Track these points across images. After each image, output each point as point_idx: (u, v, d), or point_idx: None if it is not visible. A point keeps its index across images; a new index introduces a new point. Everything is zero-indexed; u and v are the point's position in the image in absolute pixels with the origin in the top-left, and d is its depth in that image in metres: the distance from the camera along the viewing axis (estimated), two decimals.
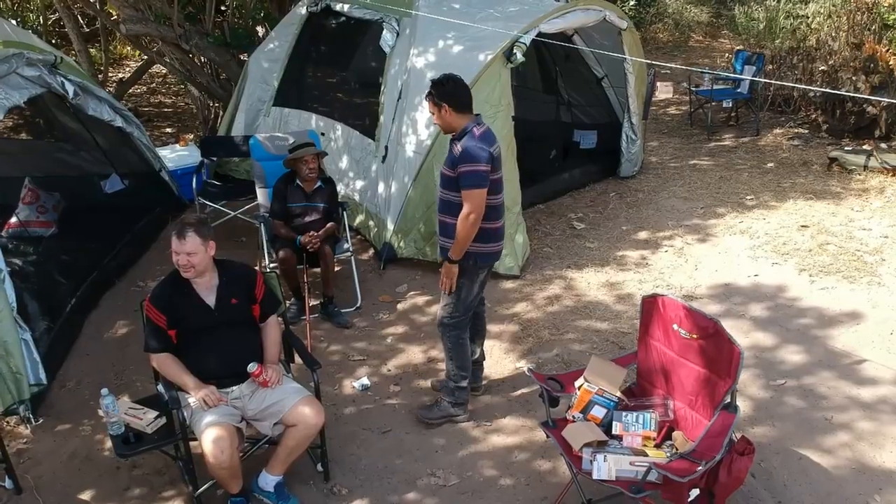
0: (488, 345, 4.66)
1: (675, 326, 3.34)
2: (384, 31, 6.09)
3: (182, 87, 10.14)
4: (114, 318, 5.25)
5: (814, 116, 8.70)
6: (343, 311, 5.22)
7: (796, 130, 8.58)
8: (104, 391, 3.48)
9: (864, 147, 7.58)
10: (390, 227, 5.75)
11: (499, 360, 4.73)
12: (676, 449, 3.24)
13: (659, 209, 6.65)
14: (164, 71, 11.74)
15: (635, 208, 6.71)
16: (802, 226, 6.16)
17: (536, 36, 5.67)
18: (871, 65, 7.97)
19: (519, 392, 4.44)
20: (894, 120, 8.10)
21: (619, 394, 3.45)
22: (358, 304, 5.34)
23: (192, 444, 3.51)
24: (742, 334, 4.84)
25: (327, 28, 6.81)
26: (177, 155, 7.00)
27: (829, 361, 4.57)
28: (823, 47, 8.76)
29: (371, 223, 6.07)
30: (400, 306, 5.38)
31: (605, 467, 3.13)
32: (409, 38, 5.91)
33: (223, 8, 8.32)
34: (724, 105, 9.00)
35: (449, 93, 3.74)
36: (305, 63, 6.99)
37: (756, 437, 3.95)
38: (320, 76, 7.06)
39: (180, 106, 10.48)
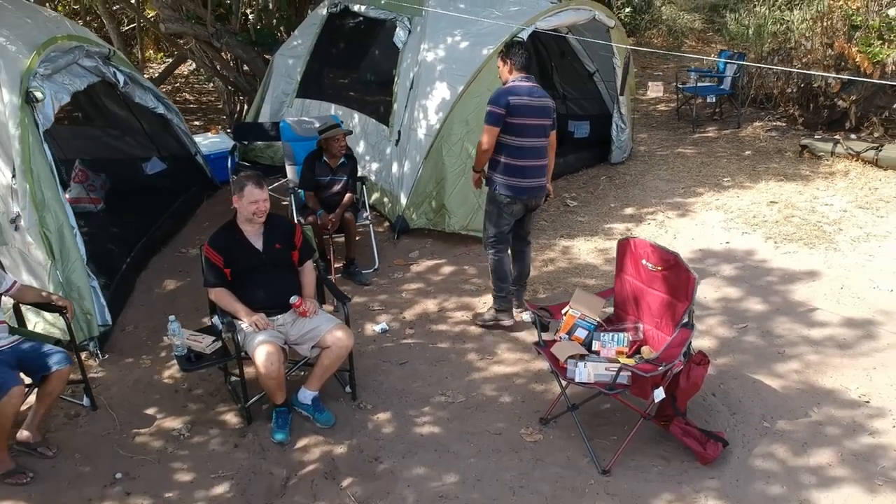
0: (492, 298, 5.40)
1: (644, 261, 4.05)
2: (397, 29, 6.83)
3: (206, 84, 10.90)
4: (162, 278, 5.98)
5: (791, 111, 9.42)
6: (363, 271, 5.93)
7: (774, 123, 9.30)
8: (171, 318, 4.21)
9: (835, 137, 8.29)
10: (403, 201, 6.47)
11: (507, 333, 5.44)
12: (643, 358, 3.94)
13: (644, 189, 7.37)
14: (186, 72, 12.53)
15: (623, 189, 7.42)
16: (771, 202, 6.87)
17: (533, 31, 6.40)
18: (841, 62, 8.70)
19: (518, 333, 5.14)
20: (863, 113, 8.82)
21: (598, 318, 4.16)
22: (376, 266, 6.05)
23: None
24: (713, 289, 5.55)
25: (345, 27, 7.55)
26: (209, 142, 7.73)
27: (786, 310, 5.27)
28: (800, 48, 9.49)
29: (386, 199, 6.78)
30: (413, 268, 6.10)
31: (585, 372, 3.83)
32: (419, 34, 6.64)
33: (249, 10, 9.08)
34: (709, 100, 9.73)
35: (512, 53, 4.79)
36: (326, 59, 7.72)
37: (718, 366, 4.66)
38: (339, 70, 7.79)
39: (204, 102, 11.23)
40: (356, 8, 7.30)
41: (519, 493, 3.78)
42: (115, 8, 9.08)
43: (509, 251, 5.07)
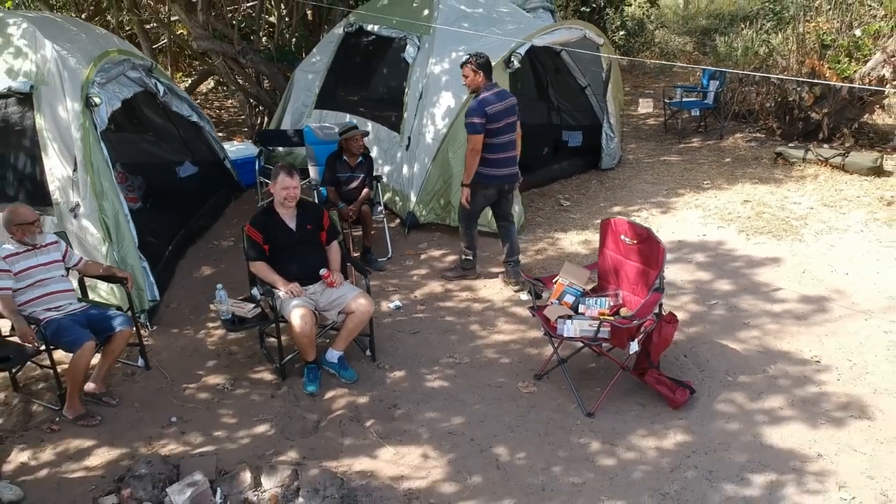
0: (493, 281, 6.11)
1: (622, 237, 4.75)
2: (407, 46, 7.57)
3: (225, 100, 11.67)
4: (199, 264, 6.68)
5: (769, 123, 10.15)
6: (378, 259, 6.63)
7: (754, 135, 10.02)
8: (219, 286, 4.91)
9: (807, 145, 9.01)
10: (413, 198, 7.17)
11: (501, 288, 6.13)
12: (622, 316, 4.63)
13: (631, 191, 8.07)
14: (205, 90, 13.31)
15: (612, 191, 8.13)
16: (745, 201, 7.58)
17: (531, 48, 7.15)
18: (813, 78, 9.44)
19: (515, 309, 5.82)
20: (835, 125, 9.53)
21: (584, 286, 4.85)
22: (389, 255, 6.74)
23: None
24: (688, 273, 6.24)
25: (360, 45, 8.30)
26: (235, 149, 8.45)
27: (752, 289, 5.95)
28: (777, 65, 10.24)
29: (397, 198, 7.48)
30: (422, 257, 6.79)
31: (572, 328, 4.51)
32: (427, 50, 7.39)
33: (271, 30, 9.86)
34: (693, 114, 10.47)
35: (483, 64, 5.61)
36: (342, 73, 8.46)
37: (689, 334, 5.34)
38: (354, 83, 8.52)
39: (224, 116, 11.97)
40: (370, 27, 8.06)
41: (516, 431, 4.45)
42: (147, 27, 9.84)
43: (477, 227, 6.16)
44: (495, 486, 4.03)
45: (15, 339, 4.67)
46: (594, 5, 15.60)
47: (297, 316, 4.66)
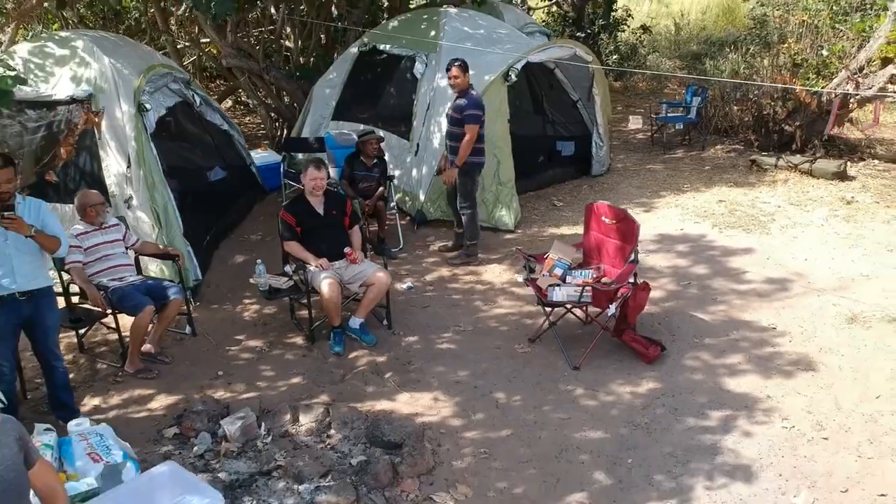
0: (493, 266, 6.91)
1: (603, 218, 5.55)
2: (416, 63, 8.42)
3: (244, 117, 12.53)
4: (233, 254, 7.47)
5: (748, 136, 10.98)
6: (392, 249, 7.42)
7: (734, 146, 10.85)
8: (259, 261, 5.72)
9: (779, 154, 9.83)
10: (422, 197, 7.97)
11: (500, 272, 6.91)
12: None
13: (618, 193, 8.88)
14: (224, 108, 14.19)
15: (601, 193, 8.93)
16: (720, 201, 8.38)
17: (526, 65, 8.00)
18: (786, 93, 10.28)
19: (513, 289, 6.60)
20: (807, 136, 10.35)
21: (571, 261, 5.64)
22: (401, 246, 7.53)
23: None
24: (667, 260, 7.03)
25: (373, 62, 9.15)
26: (259, 156, 9.28)
27: (722, 273, 6.73)
28: (753, 84, 11.09)
29: (407, 199, 8.28)
30: (430, 248, 7.57)
31: (560, 293, 5.29)
32: (434, 67, 8.23)
33: (287, 53, 10.76)
34: (677, 127, 11.31)
35: (467, 67, 6.67)
36: (356, 88, 9.30)
37: (665, 307, 6.11)
38: (367, 97, 9.35)
39: (244, 131, 12.82)
40: (382, 47, 8.91)
41: (513, 381, 5.22)
42: (179, 46, 10.72)
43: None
44: (495, 420, 4.79)
45: (84, 305, 5.46)
46: (588, 31, 16.48)
47: (326, 285, 5.45)
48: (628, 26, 18.28)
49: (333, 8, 10.78)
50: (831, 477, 4.17)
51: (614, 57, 18.20)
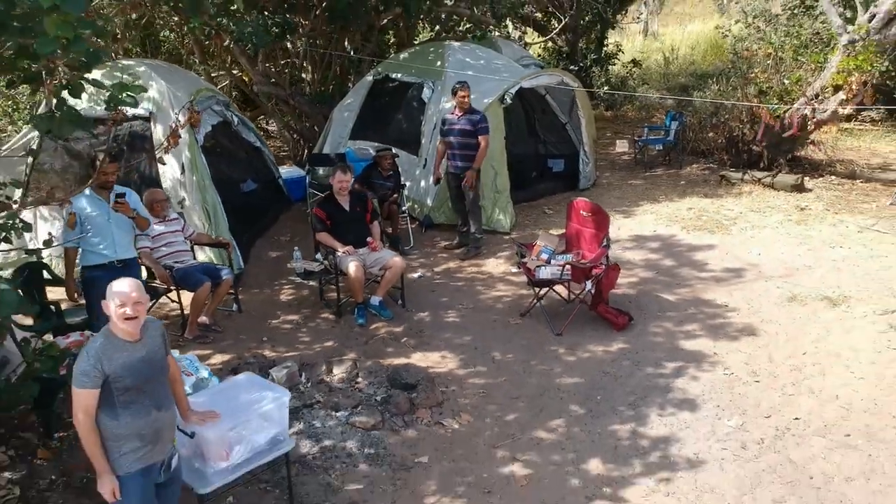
0: (492, 260, 8.01)
1: (581, 211, 6.67)
2: (424, 89, 9.61)
3: (268, 139, 13.72)
4: (267, 251, 8.58)
5: (721, 156, 12.13)
6: (404, 248, 8.52)
7: (708, 165, 12.00)
8: (296, 248, 6.86)
9: (746, 170, 10.97)
10: (429, 203, 9.11)
11: (498, 265, 8.00)
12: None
13: (601, 203, 9.76)
14: None
15: None
16: (690, 208, 9.51)
17: (519, 89, 9.18)
18: (754, 118, 11.46)
19: (508, 277, 7.69)
20: (773, 156, 11.50)
21: (554, 247, 6.74)
22: (412, 244, 8.64)
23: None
24: (640, 255, 8.12)
25: (386, 88, 10.34)
26: (285, 171, 10.44)
27: (687, 264, 7.82)
28: (726, 108, 12.29)
29: (416, 206, 9.41)
30: (437, 246, 8.68)
31: (546, 272, 6.39)
32: (440, 91, 9.41)
33: (303, 83, 12.02)
34: (658, 149, 12.47)
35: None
36: (371, 111, 10.48)
37: (637, 290, 7.20)
38: (381, 119, 10.53)
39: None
40: (394, 75, 10.11)
41: (507, 345, 6.29)
42: (213, 75, 11.95)
43: None
44: (491, 371, 5.87)
45: (153, 283, 6.55)
46: (581, 65, 17.72)
47: (353, 267, 6.55)
48: (619, 60, 19.50)
49: (347, 42, 12.00)
50: (758, 407, 5.24)
51: (605, 88, 19.43)
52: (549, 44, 18.91)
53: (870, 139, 13.35)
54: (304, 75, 12.48)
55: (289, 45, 10.78)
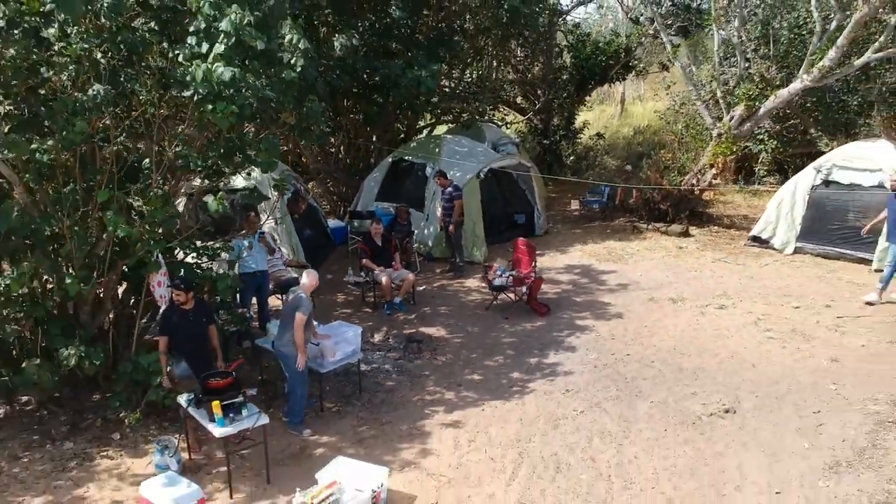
0: (470, 280, 12.24)
1: (521, 245, 10.91)
2: (427, 167, 13.93)
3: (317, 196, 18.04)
4: (324, 273, 12.79)
5: (641, 212, 16.36)
6: (414, 270, 12.71)
7: (631, 219, 16.23)
8: (349, 269, 11.09)
9: (652, 223, 15.17)
10: (430, 243, 13.35)
11: (474, 281, 12.18)
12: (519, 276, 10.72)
13: (549, 244, 14.19)
14: None
15: (538, 244, 14.21)
16: (605, 248, 13.73)
17: (491, 168, 13.50)
18: (658, 184, 15.73)
19: (480, 289, 11.86)
20: (676, 213, 15.69)
21: (505, 266, 10.95)
22: (419, 269, 12.83)
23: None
24: (566, 277, 12.29)
25: (401, 167, 14.65)
26: (331, 223, 14.71)
27: (594, 282, 11.96)
28: (642, 180, 16.55)
29: (421, 245, 13.60)
30: (436, 273, 12.88)
31: (499, 281, 10.60)
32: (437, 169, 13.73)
33: (348, 156, 16.41)
34: (595, 207, 16.75)
35: (444, 174, 11.73)
36: (391, 181, 14.76)
37: (558, 295, 11.37)
38: (398, 187, 14.80)
39: None
40: (407, 158, 14.47)
41: (476, 324, 10.38)
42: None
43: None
44: (466, 336, 10.00)
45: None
46: (552, 139, 21.91)
47: (384, 279, 10.72)
48: (584, 134, 23.50)
49: (370, 132, 16.38)
50: (608, 350, 9.36)
51: (571, 157, 23.54)
52: (527, 122, 23.08)
53: (748, 197, 17.60)
54: (339, 155, 16.82)
55: (332, 137, 15.12)
